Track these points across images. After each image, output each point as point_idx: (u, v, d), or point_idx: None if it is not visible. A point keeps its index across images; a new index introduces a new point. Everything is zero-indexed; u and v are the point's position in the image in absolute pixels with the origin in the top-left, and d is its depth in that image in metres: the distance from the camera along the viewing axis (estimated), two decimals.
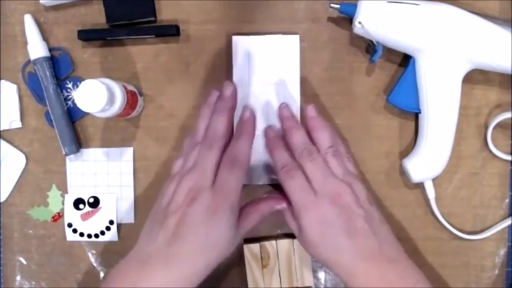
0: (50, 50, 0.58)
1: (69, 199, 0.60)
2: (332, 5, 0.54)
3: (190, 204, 0.46)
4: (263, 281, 0.56)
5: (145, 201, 0.59)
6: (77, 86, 0.57)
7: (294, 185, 0.48)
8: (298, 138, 0.50)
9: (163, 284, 0.44)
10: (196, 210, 0.46)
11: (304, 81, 0.57)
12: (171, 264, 0.45)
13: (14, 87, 0.59)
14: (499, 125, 0.56)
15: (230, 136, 0.52)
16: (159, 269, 0.45)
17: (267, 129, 0.50)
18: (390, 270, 0.46)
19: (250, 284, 0.57)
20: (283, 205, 0.51)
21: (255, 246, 0.56)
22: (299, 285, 0.56)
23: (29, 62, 0.59)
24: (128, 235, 0.60)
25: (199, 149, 0.49)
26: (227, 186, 0.47)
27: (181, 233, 0.45)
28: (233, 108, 0.53)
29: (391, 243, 0.48)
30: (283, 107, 0.54)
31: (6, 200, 0.60)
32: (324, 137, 0.50)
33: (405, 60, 0.55)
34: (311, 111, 0.52)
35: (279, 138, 0.51)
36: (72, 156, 0.59)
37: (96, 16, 0.58)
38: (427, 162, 0.54)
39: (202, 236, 0.45)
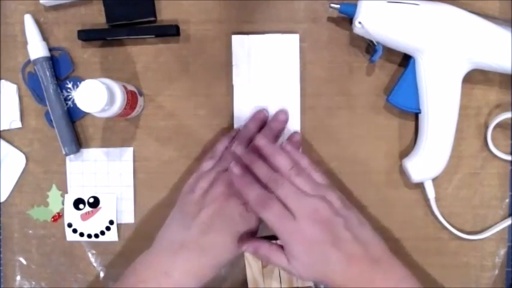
0: (50, 50, 0.58)
1: (69, 199, 0.60)
2: (332, 5, 0.54)
3: (227, 200, 0.50)
4: (263, 281, 0.56)
5: (145, 201, 0.59)
6: (77, 86, 0.57)
7: (272, 215, 0.48)
8: (261, 170, 0.51)
9: (196, 269, 0.49)
10: (232, 205, 0.50)
11: (304, 81, 0.57)
12: (205, 252, 0.49)
13: (14, 87, 0.59)
14: (499, 125, 0.56)
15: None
16: (193, 256, 0.49)
17: (232, 168, 0.51)
18: (377, 271, 0.47)
19: (250, 284, 0.57)
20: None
21: None
22: (299, 285, 0.56)
23: (29, 62, 0.59)
24: (127, 235, 0.60)
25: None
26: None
27: (216, 224, 0.49)
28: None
29: (374, 243, 0.49)
30: (232, 166, 0.52)
31: (6, 200, 0.60)
32: (281, 161, 0.51)
33: (405, 60, 0.55)
34: (259, 141, 0.52)
35: (245, 175, 0.51)
36: (72, 156, 0.59)
37: (96, 16, 0.58)
38: (427, 162, 0.54)
39: (235, 229, 0.50)
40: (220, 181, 0.51)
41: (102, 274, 0.60)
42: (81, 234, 0.60)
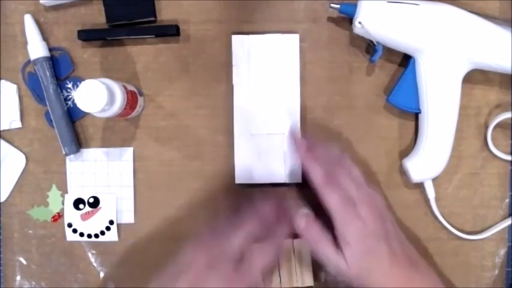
0: (50, 50, 0.58)
1: (69, 199, 0.60)
2: (332, 5, 0.54)
3: (209, 271, 0.46)
4: (263, 282, 0.56)
5: (145, 201, 0.59)
6: (77, 86, 0.57)
7: (337, 197, 0.48)
8: (323, 153, 0.52)
9: None
10: (212, 279, 0.46)
11: (304, 81, 0.57)
12: None
13: (14, 87, 0.59)
14: (499, 125, 0.56)
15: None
16: None
17: (298, 141, 0.53)
18: (416, 273, 0.48)
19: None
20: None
21: None
22: (299, 285, 0.56)
23: (29, 62, 0.59)
24: (127, 235, 0.60)
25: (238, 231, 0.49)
26: (253, 270, 0.48)
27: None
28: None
29: (410, 247, 0.51)
30: (298, 138, 0.54)
31: (6, 200, 0.60)
32: (334, 149, 0.53)
33: (405, 60, 0.55)
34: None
35: (311, 151, 0.52)
36: (72, 156, 0.59)
37: (96, 16, 0.58)
38: (427, 162, 0.54)
39: None
40: (208, 249, 0.48)
41: (102, 274, 0.60)
42: (81, 234, 0.60)
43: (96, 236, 0.60)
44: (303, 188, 0.58)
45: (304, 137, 0.54)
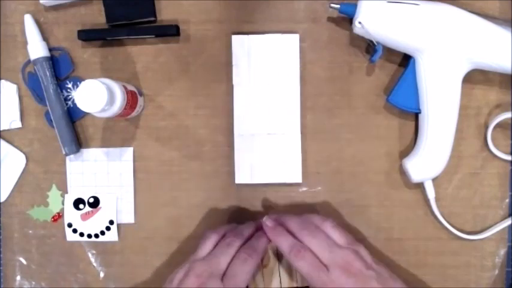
0: (50, 50, 0.58)
1: (69, 199, 0.60)
2: (332, 5, 0.54)
3: None
4: (263, 281, 0.56)
5: (145, 201, 0.59)
6: (77, 86, 0.57)
7: (305, 265, 0.48)
8: (294, 223, 0.52)
9: None
10: None
11: (304, 81, 0.57)
12: None
13: (14, 87, 0.59)
14: (499, 125, 0.56)
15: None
16: None
17: (264, 221, 0.53)
18: None
19: (250, 284, 0.56)
20: None
21: None
22: (299, 285, 0.56)
23: (29, 62, 0.58)
24: (127, 235, 0.60)
25: (219, 244, 0.51)
26: (238, 278, 0.49)
27: None
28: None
29: None
30: (265, 220, 0.54)
31: (6, 200, 0.60)
32: (313, 217, 0.52)
33: (405, 60, 0.55)
34: (284, 217, 0.53)
35: (277, 226, 0.53)
36: (72, 156, 0.59)
37: (96, 16, 0.58)
38: (427, 162, 0.54)
39: None
40: (192, 271, 0.49)
41: (102, 274, 0.60)
42: (81, 234, 0.60)
43: (96, 236, 0.60)
44: (303, 188, 0.58)
45: (277, 216, 0.54)
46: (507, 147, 0.57)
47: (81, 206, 0.60)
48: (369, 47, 0.56)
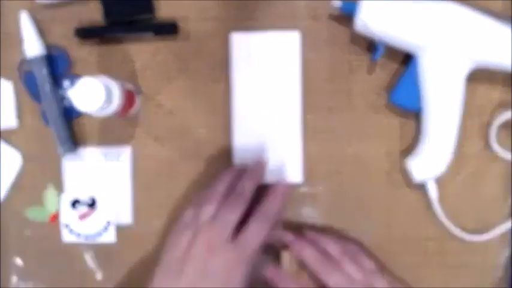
0: (47, 48, 0.58)
1: (66, 199, 0.59)
2: (333, 2, 0.53)
3: (210, 256, 0.47)
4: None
5: (143, 201, 0.59)
6: (74, 85, 0.57)
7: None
8: (312, 256, 0.52)
9: None
10: (216, 262, 0.47)
11: (304, 80, 0.57)
12: None
13: (10, 85, 0.59)
14: (502, 125, 0.56)
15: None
16: None
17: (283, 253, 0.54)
18: None
19: None
20: None
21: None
22: None
23: (25, 60, 0.58)
24: (125, 236, 0.59)
25: (221, 205, 0.50)
26: (250, 242, 0.49)
27: (199, 282, 0.47)
28: (261, 180, 0.54)
29: None
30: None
31: (2, 200, 0.60)
32: (332, 246, 0.53)
33: (407, 59, 0.55)
34: (309, 233, 0.55)
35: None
36: (69, 155, 0.58)
37: (93, 14, 0.58)
38: (429, 162, 0.54)
39: (222, 284, 0.47)
40: (202, 234, 0.48)
41: (99, 275, 0.60)
42: (78, 235, 0.59)
43: (94, 236, 0.59)
44: (303, 188, 0.58)
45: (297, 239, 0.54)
46: (510, 146, 0.56)
47: (78, 206, 0.59)
48: (370, 45, 0.56)
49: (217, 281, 0.47)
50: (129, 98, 0.53)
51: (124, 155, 0.59)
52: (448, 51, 0.51)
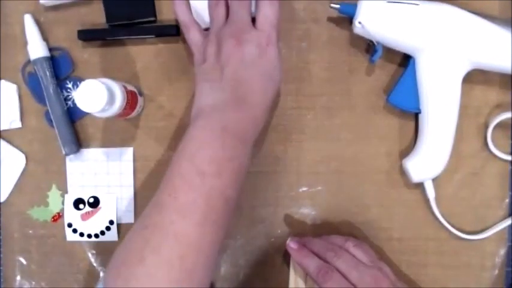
0: (50, 50, 0.58)
1: (69, 199, 0.60)
2: (332, 5, 0.54)
3: (241, 48, 0.49)
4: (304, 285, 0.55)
5: (145, 201, 0.59)
6: (77, 86, 0.57)
7: (334, 286, 0.49)
8: (318, 245, 0.53)
9: (237, 122, 0.48)
10: (249, 50, 0.49)
11: (304, 81, 0.57)
12: (244, 105, 0.48)
13: (14, 87, 0.59)
14: (499, 125, 0.56)
15: None
16: (232, 111, 0.48)
17: (288, 244, 0.54)
18: None
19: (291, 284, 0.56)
20: None
21: None
22: None
23: (29, 62, 0.58)
24: None
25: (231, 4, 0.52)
26: (269, 20, 0.50)
27: (243, 74, 0.49)
28: None
29: None
30: (289, 242, 0.55)
31: (6, 200, 0.60)
32: (335, 238, 0.54)
33: (405, 60, 0.55)
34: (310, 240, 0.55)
35: (302, 248, 0.53)
36: (72, 156, 0.59)
37: (96, 16, 0.58)
38: (427, 162, 0.54)
39: (261, 71, 0.49)
40: (226, 36, 0.50)
41: (102, 274, 0.60)
42: (81, 234, 0.60)
43: (96, 236, 0.60)
44: (303, 188, 0.58)
45: (297, 239, 0.55)
46: (507, 147, 0.57)
47: (81, 206, 0.60)
48: (369, 47, 0.56)
49: (256, 67, 0.49)
50: (131, 99, 0.54)
51: (126, 155, 0.59)
52: (446, 53, 0.52)
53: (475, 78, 0.55)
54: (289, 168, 0.58)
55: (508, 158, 0.56)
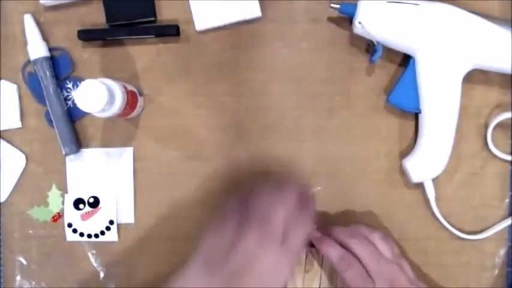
0: (50, 50, 0.58)
1: (69, 199, 0.60)
2: (332, 5, 0.54)
3: (258, 253, 0.46)
4: (303, 285, 0.55)
5: (145, 201, 0.59)
6: (77, 86, 0.57)
7: (353, 275, 0.49)
8: (343, 234, 0.53)
9: None
10: (264, 260, 0.46)
11: (304, 81, 0.57)
12: None
13: (14, 87, 0.59)
14: (499, 125, 0.56)
15: None
16: None
17: (312, 233, 0.53)
18: None
19: (289, 284, 0.56)
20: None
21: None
22: (339, 286, 0.55)
23: (29, 62, 0.58)
24: (127, 235, 0.60)
25: (272, 203, 0.49)
26: (296, 244, 0.48)
27: (245, 274, 0.46)
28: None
29: None
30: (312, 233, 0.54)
31: (6, 200, 0.60)
32: (361, 228, 0.53)
33: (405, 60, 0.55)
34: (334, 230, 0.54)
35: (324, 237, 0.53)
36: (72, 156, 0.59)
37: (96, 16, 0.58)
38: (427, 162, 0.54)
39: (264, 283, 0.46)
40: (254, 230, 0.47)
41: (102, 274, 0.60)
42: (81, 234, 0.60)
43: (96, 236, 0.60)
44: None
45: (323, 227, 0.55)
46: (507, 147, 0.57)
47: (81, 206, 0.60)
48: (369, 47, 0.56)
49: (261, 276, 0.46)
50: (131, 99, 0.54)
51: (126, 155, 0.59)
52: (446, 53, 0.52)
53: (475, 78, 0.55)
54: (289, 168, 0.58)
55: (508, 158, 0.56)
